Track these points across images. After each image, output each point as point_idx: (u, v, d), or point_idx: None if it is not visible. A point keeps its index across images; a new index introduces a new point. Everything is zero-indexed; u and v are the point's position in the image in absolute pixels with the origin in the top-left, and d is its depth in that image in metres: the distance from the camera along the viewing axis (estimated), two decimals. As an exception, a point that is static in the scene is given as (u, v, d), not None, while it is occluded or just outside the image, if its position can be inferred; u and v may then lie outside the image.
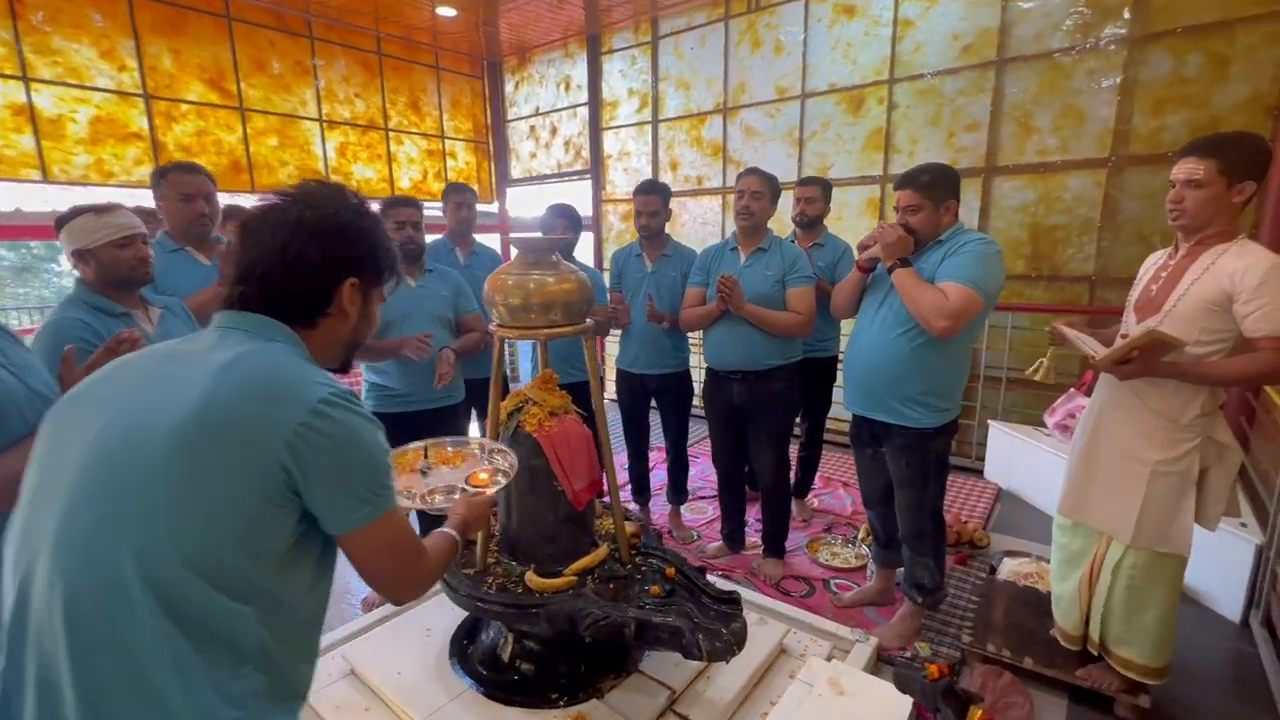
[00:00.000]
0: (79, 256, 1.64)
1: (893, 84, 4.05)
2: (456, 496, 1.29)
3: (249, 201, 3.84)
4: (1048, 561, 2.62)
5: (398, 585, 0.92)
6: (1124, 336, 1.74)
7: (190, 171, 2.07)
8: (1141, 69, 3.26)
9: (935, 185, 1.93)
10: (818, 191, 2.88)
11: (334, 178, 5.24)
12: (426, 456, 1.49)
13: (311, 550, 0.86)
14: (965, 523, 2.99)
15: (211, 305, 2.06)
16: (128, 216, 1.67)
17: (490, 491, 1.29)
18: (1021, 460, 3.50)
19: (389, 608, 2.17)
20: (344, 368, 1.01)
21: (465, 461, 1.51)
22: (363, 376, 2.57)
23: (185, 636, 0.73)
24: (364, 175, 5.45)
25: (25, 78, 3.73)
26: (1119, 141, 3.37)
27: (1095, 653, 1.88)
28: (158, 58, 4.24)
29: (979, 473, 3.80)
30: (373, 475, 0.84)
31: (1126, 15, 3.26)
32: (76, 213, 1.63)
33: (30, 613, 0.74)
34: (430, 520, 2.46)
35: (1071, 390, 3.26)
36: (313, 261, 0.87)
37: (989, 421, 3.75)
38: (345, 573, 0.91)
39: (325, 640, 2.03)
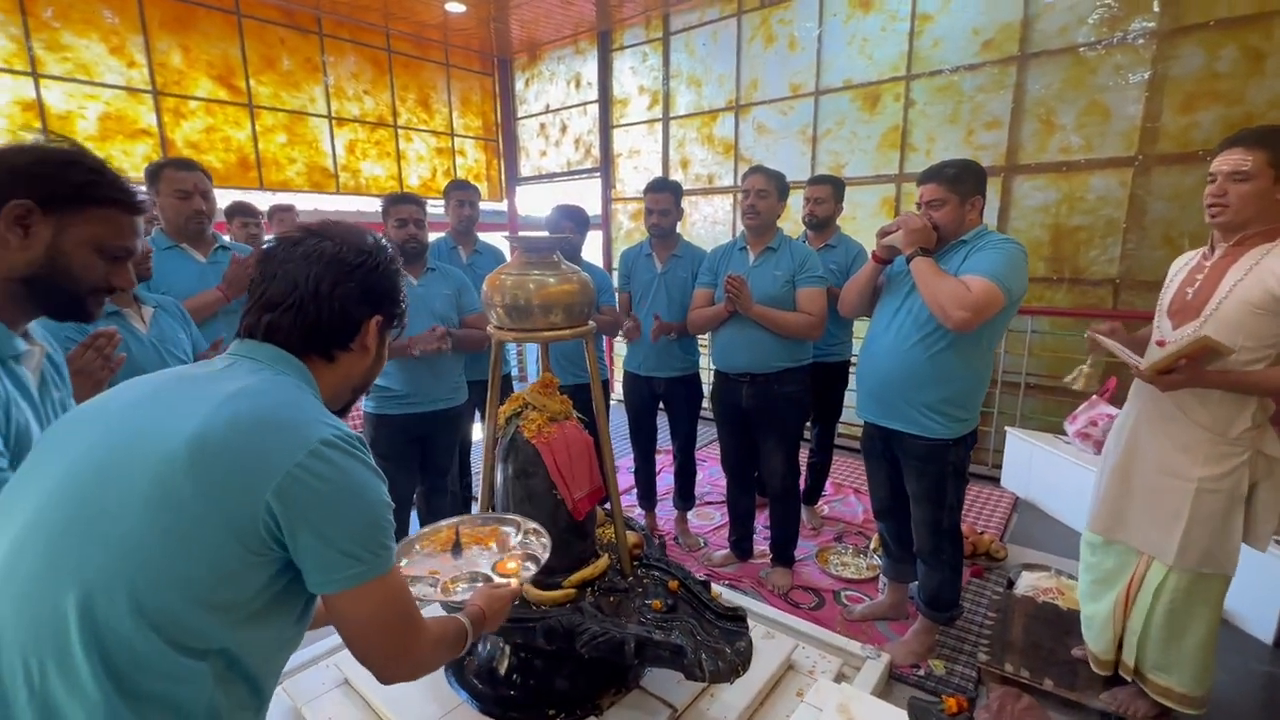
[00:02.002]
0: None
1: (910, 80, 3.94)
2: (479, 585, 1.20)
3: (256, 198, 3.83)
4: (1068, 576, 2.53)
5: (386, 660, 0.82)
6: (1159, 343, 1.64)
7: (186, 168, 2.02)
8: (1172, 64, 3.14)
9: (961, 179, 1.84)
10: (828, 191, 2.79)
11: (342, 175, 5.22)
12: (459, 537, 1.40)
13: (291, 607, 0.79)
14: (981, 533, 2.89)
15: (209, 309, 2.02)
16: None
17: (515, 583, 1.19)
18: (1040, 469, 3.39)
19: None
20: (345, 410, 0.97)
21: (498, 541, 1.42)
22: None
23: (123, 697, 0.65)
24: (372, 173, 5.42)
25: (35, 74, 3.73)
26: (1146, 140, 3.24)
27: (1129, 678, 1.78)
28: (167, 54, 4.23)
29: (995, 480, 3.69)
30: (369, 531, 0.77)
31: (1156, 8, 3.14)
32: None
33: None
34: None
35: (1094, 397, 3.15)
36: (348, 296, 0.85)
37: (1006, 428, 3.64)
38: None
39: (319, 648, 1.99)
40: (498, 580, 1.23)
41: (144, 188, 2.05)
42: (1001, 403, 3.79)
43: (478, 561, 1.34)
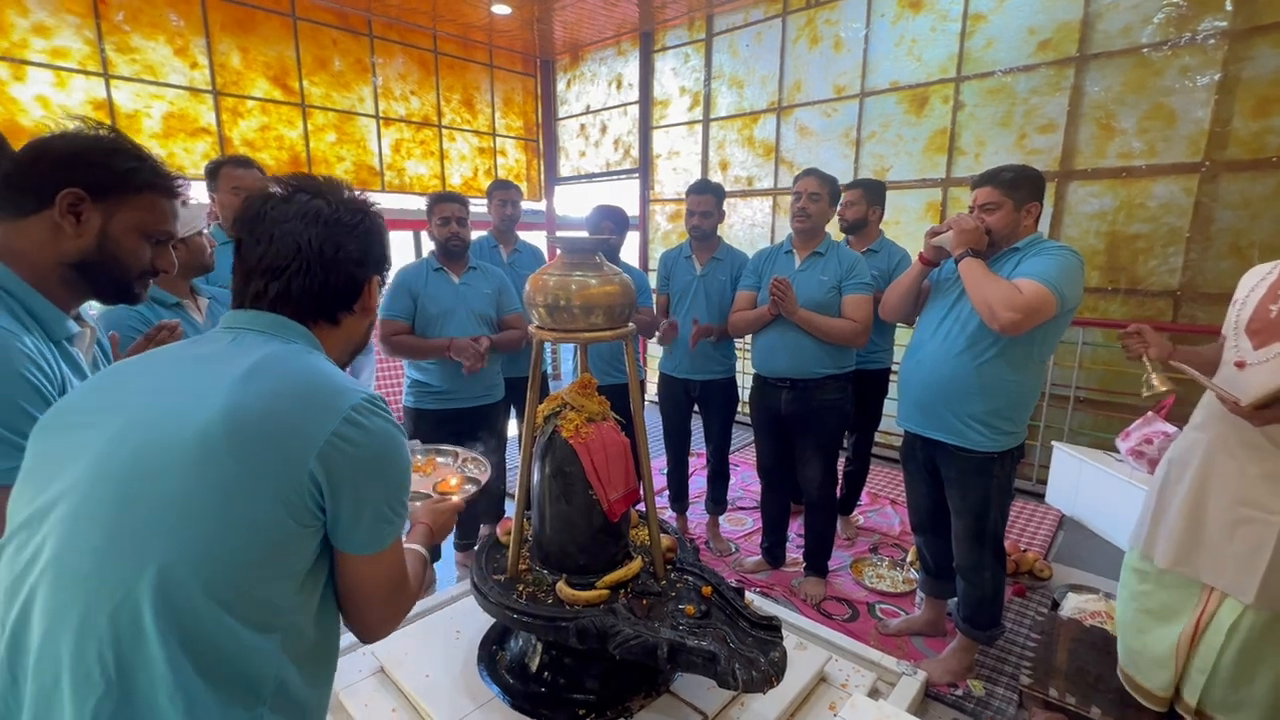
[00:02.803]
0: None
1: (960, 82, 3.84)
2: (419, 504, 1.19)
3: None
4: (1119, 601, 2.42)
5: (381, 621, 0.83)
6: (1239, 364, 1.55)
7: (243, 165, 2.10)
8: (1244, 65, 2.98)
9: (1018, 185, 1.79)
10: (859, 194, 2.73)
11: (388, 173, 5.35)
12: None
13: (324, 574, 0.79)
14: (1024, 551, 2.80)
15: None
16: (196, 209, 1.69)
17: (456, 499, 1.20)
18: (1089, 486, 3.25)
19: (424, 604, 2.16)
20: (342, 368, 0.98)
21: (435, 470, 1.46)
22: (404, 373, 2.58)
23: (200, 675, 0.66)
24: (417, 171, 5.54)
25: (106, 74, 3.93)
26: (1214, 145, 3.09)
27: (1188, 717, 1.69)
28: (227, 55, 4.40)
29: (1040, 496, 3.56)
30: (399, 492, 0.79)
31: (1228, 7, 2.99)
32: None
33: (30, 644, 0.67)
34: None
35: (1149, 414, 3.01)
36: (351, 258, 0.83)
37: (1053, 443, 3.51)
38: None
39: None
40: (438, 497, 1.26)
41: (181, 175, 2.13)
42: (1049, 416, 3.65)
43: (415, 484, 1.36)
